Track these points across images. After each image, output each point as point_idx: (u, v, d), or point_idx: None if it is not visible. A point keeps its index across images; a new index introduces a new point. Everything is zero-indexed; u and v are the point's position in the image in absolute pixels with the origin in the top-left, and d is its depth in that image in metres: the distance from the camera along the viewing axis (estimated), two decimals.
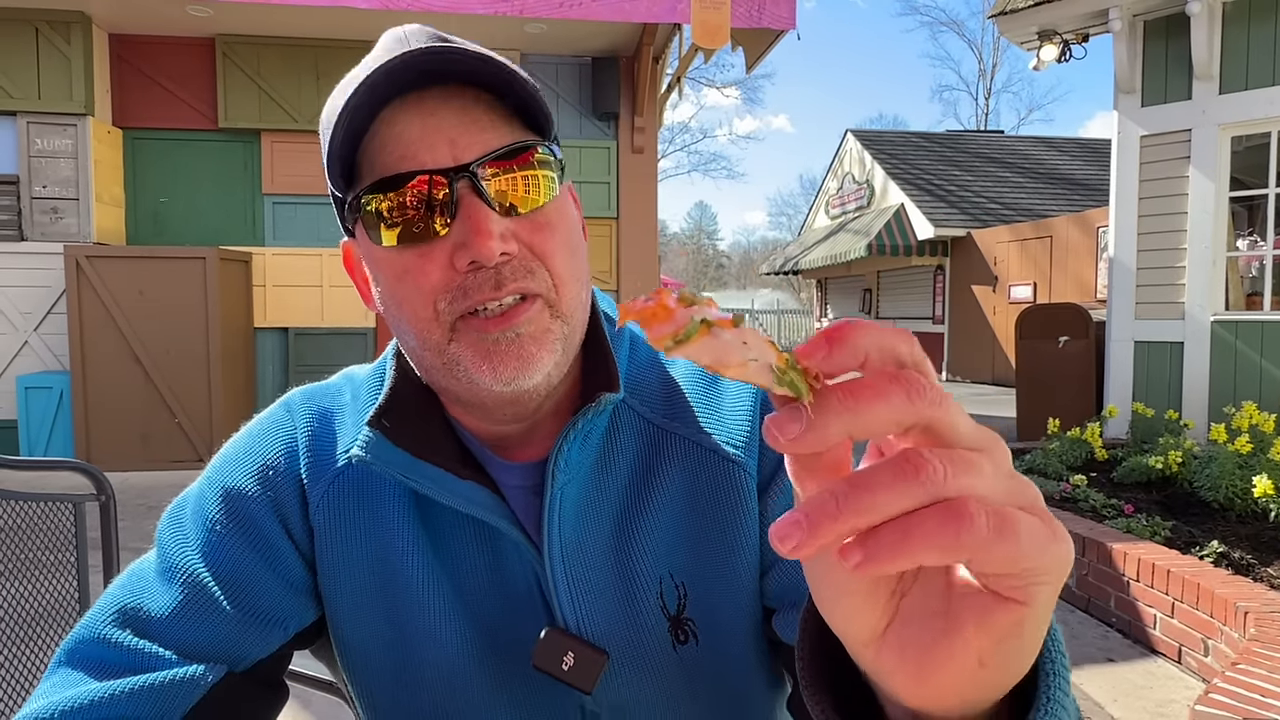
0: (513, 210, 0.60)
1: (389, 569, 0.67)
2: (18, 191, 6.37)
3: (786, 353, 0.31)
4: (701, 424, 0.69)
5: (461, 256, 0.58)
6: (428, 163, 0.58)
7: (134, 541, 5.14)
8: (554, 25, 6.52)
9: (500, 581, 0.67)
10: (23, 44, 6.30)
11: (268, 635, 0.65)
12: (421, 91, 0.60)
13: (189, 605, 0.63)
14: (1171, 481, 4.27)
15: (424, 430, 0.66)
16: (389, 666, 0.68)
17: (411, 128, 0.59)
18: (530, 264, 0.60)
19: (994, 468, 0.30)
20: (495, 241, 0.57)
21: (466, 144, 0.59)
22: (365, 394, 0.72)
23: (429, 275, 0.59)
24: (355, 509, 0.67)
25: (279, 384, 7.14)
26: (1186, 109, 5.96)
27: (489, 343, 0.59)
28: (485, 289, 0.58)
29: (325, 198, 5.95)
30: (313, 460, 0.68)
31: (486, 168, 0.58)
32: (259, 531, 0.66)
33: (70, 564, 1.20)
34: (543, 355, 0.60)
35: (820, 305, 21.52)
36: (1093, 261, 11.02)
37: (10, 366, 6.41)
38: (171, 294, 6.15)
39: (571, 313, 0.63)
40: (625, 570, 0.67)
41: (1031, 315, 7.07)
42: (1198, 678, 2.79)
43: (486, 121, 0.60)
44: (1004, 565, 0.29)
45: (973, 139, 19.11)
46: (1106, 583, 3.29)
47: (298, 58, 6.95)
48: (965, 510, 0.28)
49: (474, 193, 0.58)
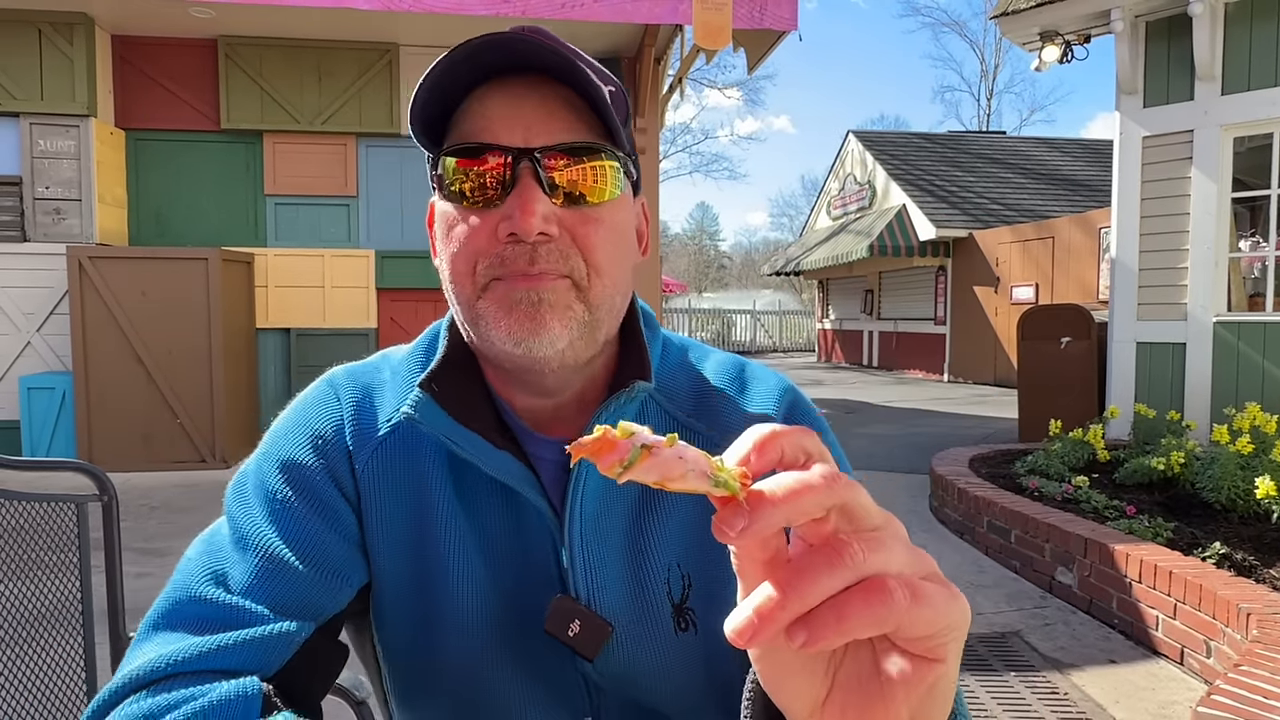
0: (565, 200, 0.65)
1: (423, 527, 0.71)
2: (20, 192, 6.38)
3: (718, 459, 0.36)
4: (726, 420, 0.74)
5: (504, 226, 0.63)
6: (502, 139, 0.64)
7: (136, 542, 5.08)
8: (556, 26, 6.52)
9: (521, 549, 0.71)
10: (25, 45, 6.32)
11: (339, 590, 0.69)
12: (516, 77, 0.65)
13: (269, 567, 0.66)
14: (1174, 483, 4.26)
15: (467, 398, 0.71)
16: (412, 619, 0.72)
17: (497, 106, 0.65)
18: (568, 250, 0.65)
19: (898, 542, 0.36)
20: (536, 220, 0.62)
21: (538, 131, 0.64)
22: (404, 369, 0.76)
23: (477, 237, 0.65)
24: (398, 470, 0.72)
25: (281, 384, 7.15)
26: (1189, 110, 5.96)
27: (511, 300, 0.64)
28: (519, 261, 0.64)
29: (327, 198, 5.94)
30: (357, 429, 0.73)
31: (549, 155, 0.64)
32: (318, 496, 0.70)
33: (73, 564, 1.20)
34: (556, 326, 0.64)
35: (822, 306, 21.51)
36: (1095, 262, 11.01)
37: (13, 367, 6.42)
38: (174, 295, 6.16)
39: (599, 303, 0.67)
40: (637, 553, 0.71)
41: (1033, 316, 7.06)
42: (1200, 679, 2.78)
43: (562, 116, 0.65)
44: (922, 629, 0.35)
45: (975, 140, 19.10)
46: (1108, 584, 3.29)
47: (300, 59, 6.96)
48: (885, 586, 0.34)
49: (531, 175, 0.63)
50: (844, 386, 13.69)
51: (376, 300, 7.21)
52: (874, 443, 7.69)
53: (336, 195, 7.14)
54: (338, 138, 7.08)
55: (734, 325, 25.48)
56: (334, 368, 0.80)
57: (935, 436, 7.78)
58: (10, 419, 6.39)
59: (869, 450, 7.23)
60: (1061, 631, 3.22)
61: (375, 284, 7.19)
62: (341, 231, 7.19)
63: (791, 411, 0.77)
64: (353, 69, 7.02)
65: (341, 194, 7.14)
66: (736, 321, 25.67)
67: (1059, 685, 2.74)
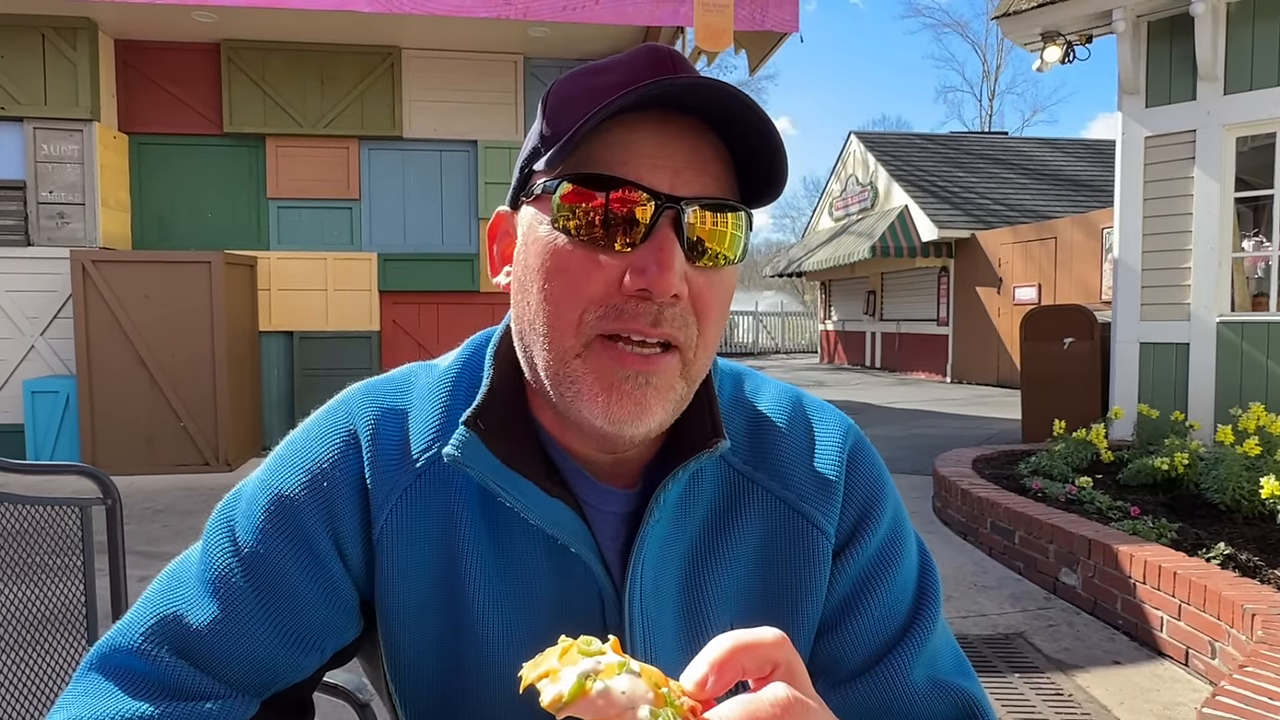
0: (695, 258, 0.59)
1: (453, 579, 0.65)
2: (24, 197, 6.40)
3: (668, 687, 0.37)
4: (785, 472, 0.69)
5: (636, 280, 0.57)
6: (646, 180, 0.57)
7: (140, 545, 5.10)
8: (557, 29, 6.53)
9: (563, 603, 0.65)
10: (29, 50, 6.34)
11: (304, 658, 0.64)
12: (667, 112, 0.59)
13: (228, 623, 0.62)
14: (1178, 483, 4.25)
15: (516, 437, 0.64)
16: (439, 677, 0.67)
17: (647, 142, 0.58)
18: (688, 316, 0.59)
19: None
20: (675, 278, 0.56)
21: (688, 179, 0.58)
22: (437, 396, 0.68)
23: (592, 283, 0.58)
24: (426, 520, 0.65)
25: (284, 387, 7.16)
26: (1191, 110, 5.95)
27: (618, 378, 0.58)
28: (642, 320, 0.57)
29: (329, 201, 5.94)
30: (379, 463, 0.65)
31: (695, 209, 0.58)
32: (307, 543, 0.64)
33: (77, 568, 1.21)
34: (658, 410, 0.59)
35: (824, 308, 21.50)
36: (1097, 263, 10.99)
37: (17, 371, 6.43)
38: (177, 298, 6.17)
39: (696, 378, 0.63)
40: (694, 612, 0.67)
41: (1036, 317, 7.05)
42: (1205, 680, 2.77)
43: (711, 167, 0.60)
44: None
45: (977, 140, 19.09)
46: (1113, 585, 3.28)
47: (302, 62, 6.97)
48: None
49: (673, 226, 0.57)
50: (846, 388, 13.68)
51: (379, 303, 7.22)
52: (877, 444, 7.59)
53: (339, 198, 7.15)
54: (340, 141, 7.09)
55: (736, 327, 25.47)
56: (353, 386, 0.72)
57: (938, 437, 7.78)
58: (14, 422, 6.40)
59: None
60: (1065, 633, 3.22)
61: (378, 287, 7.20)
62: (344, 234, 7.20)
63: (854, 460, 0.71)
64: (355, 72, 7.04)
65: (344, 197, 7.16)
66: (739, 323, 25.66)
67: (1063, 687, 2.73)
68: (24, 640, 1.16)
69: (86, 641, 1.21)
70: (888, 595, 0.68)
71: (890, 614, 0.68)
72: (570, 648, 0.38)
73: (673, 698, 0.36)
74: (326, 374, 7.03)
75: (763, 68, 7.34)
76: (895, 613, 0.68)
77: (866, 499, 0.70)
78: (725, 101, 0.57)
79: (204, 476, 6.05)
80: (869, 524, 0.69)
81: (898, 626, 0.67)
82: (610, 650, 0.38)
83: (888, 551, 0.69)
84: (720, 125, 0.59)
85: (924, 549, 0.73)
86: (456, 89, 7.18)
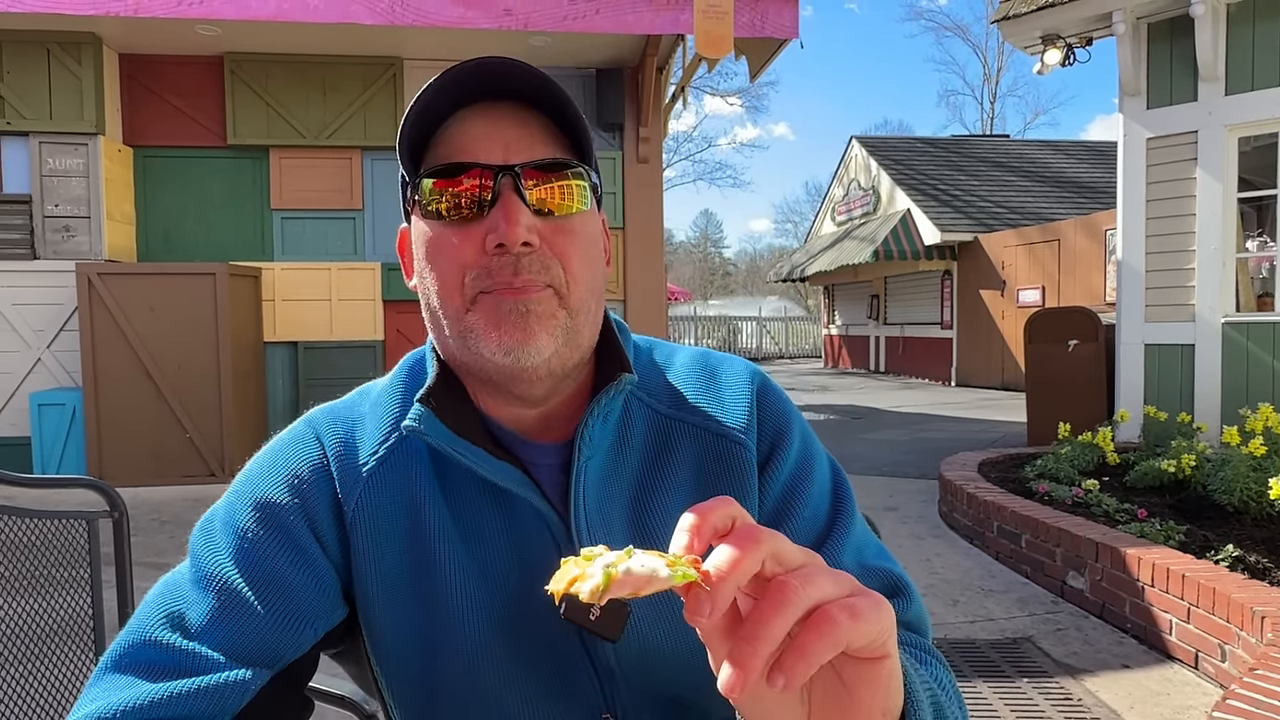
0: (543, 213, 0.68)
1: (420, 553, 0.72)
2: (30, 210, 6.44)
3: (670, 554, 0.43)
4: (705, 410, 0.78)
5: (492, 238, 0.66)
6: (482, 158, 0.67)
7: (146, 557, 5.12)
8: (558, 38, 6.56)
9: (521, 556, 0.72)
10: (35, 65, 6.38)
11: (300, 635, 0.68)
12: (491, 102, 0.69)
13: (227, 609, 0.66)
14: (1185, 485, 4.23)
15: (461, 414, 0.73)
16: (417, 649, 0.72)
17: (476, 128, 0.69)
18: (548, 261, 0.68)
19: (823, 573, 0.43)
20: (521, 230, 0.65)
21: (517, 149, 0.68)
22: (385, 400, 0.77)
23: (463, 251, 0.68)
24: (389, 502, 0.72)
25: (289, 398, 7.18)
26: (1192, 110, 5.95)
27: (500, 312, 0.67)
28: (505, 272, 0.66)
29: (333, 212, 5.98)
30: (344, 467, 0.73)
31: (529, 172, 0.67)
32: (288, 535, 0.70)
33: (84, 580, 1.21)
34: (542, 335, 0.67)
35: (828, 312, 21.49)
36: (1101, 265, 10.98)
37: (24, 384, 6.46)
38: (182, 310, 6.20)
39: (578, 309, 0.70)
40: (644, 537, 0.73)
41: (1040, 319, 7.04)
42: (1215, 684, 2.76)
43: (539, 136, 0.69)
44: (864, 640, 0.42)
45: (978, 144, 19.08)
46: (1121, 588, 3.27)
47: (305, 74, 7.01)
48: (828, 616, 0.41)
49: (513, 190, 0.67)
50: (851, 392, 13.66)
51: (383, 312, 7.24)
52: (882, 448, 7.66)
53: (342, 209, 7.18)
54: (343, 152, 7.12)
55: (740, 332, 25.46)
56: (308, 411, 0.80)
57: (943, 441, 7.75)
58: (21, 435, 6.43)
59: (877, 455, 7.20)
60: (1074, 636, 3.20)
61: (381, 296, 7.22)
62: (348, 245, 7.23)
63: (762, 393, 0.80)
64: (357, 83, 7.07)
65: (347, 207, 7.18)
66: (742, 328, 25.65)
67: (1072, 691, 2.72)
68: (32, 653, 1.16)
69: (94, 654, 1.21)
70: (811, 499, 0.77)
71: (815, 515, 0.76)
72: (577, 561, 0.45)
73: (679, 558, 0.43)
74: (331, 384, 7.04)
75: (763, 74, 7.36)
76: (819, 513, 0.77)
77: (777, 421, 0.79)
78: (518, 77, 0.67)
79: (210, 487, 6.06)
80: (783, 441, 0.78)
81: (823, 524, 0.76)
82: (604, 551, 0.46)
83: (803, 463, 0.78)
84: (538, 105, 0.69)
85: (833, 461, 0.83)
86: None
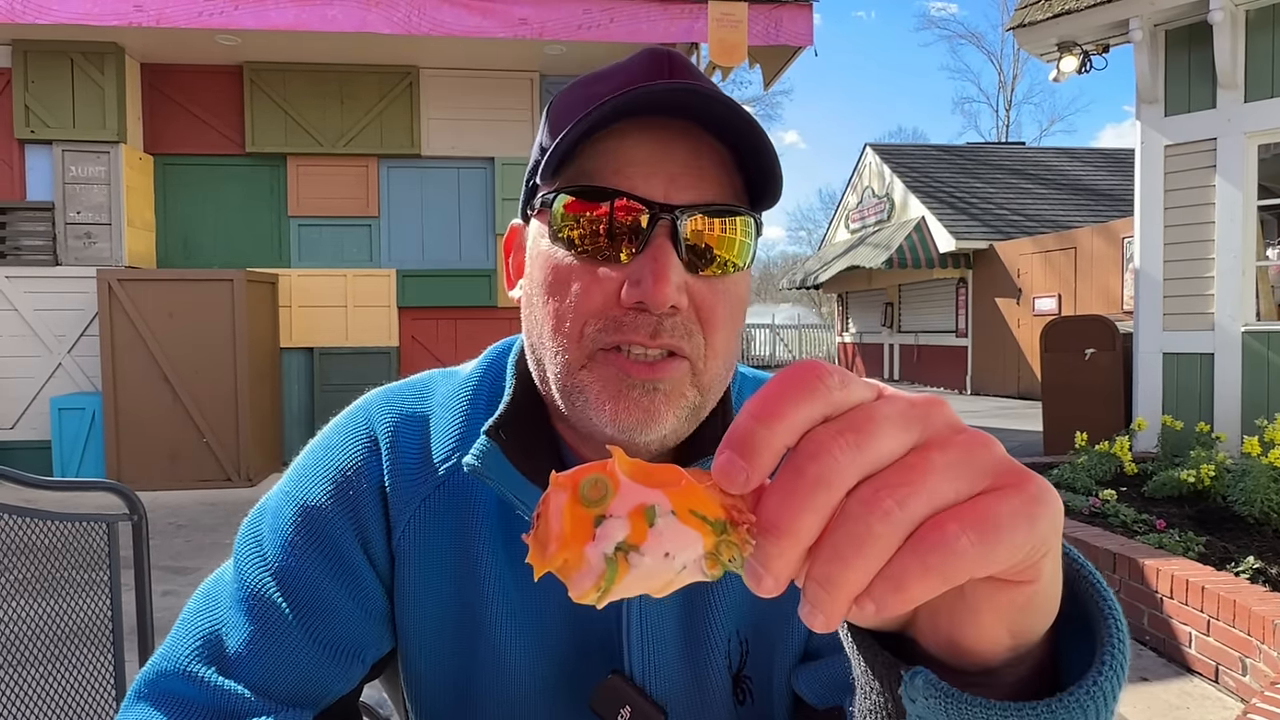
0: (697, 267, 0.57)
1: (470, 597, 0.65)
2: (53, 218, 6.54)
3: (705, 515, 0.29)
4: None
5: (632, 293, 0.55)
6: (640, 189, 0.56)
7: (163, 560, 5.12)
8: (573, 47, 6.60)
9: (576, 620, 0.66)
10: (59, 75, 6.49)
11: (348, 669, 0.63)
12: (662, 119, 0.57)
13: (268, 637, 0.61)
14: (1204, 496, 4.18)
15: (534, 448, 0.64)
16: (454, 694, 0.67)
17: (640, 150, 0.57)
18: (691, 326, 0.57)
19: (947, 455, 0.29)
20: (671, 290, 0.54)
21: (683, 186, 0.57)
22: (456, 404, 0.68)
23: (591, 296, 0.57)
24: (445, 528, 0.65)
25: (304, 403, 7.23)
26: (1211, 118, 5.89)
27: (624, 386, 0.57)
28: (640, 333, 0.56)
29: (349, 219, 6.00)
30: (398, 469, 0.65)
31: (691, 217, 0.56)
32: (338, 552, 0.63)
33: (103, 582, 1.23)
34: (668, 417, 0.58)
35: (841, 320, 21.40)
36: (1118, 272, 10.88)
37: (45, 388, 6.55)
38: (200, 315, 6.26)
39: (709, 387, 0.60)
40: (695, 625, 0.67)
41: (1057, 328, 6.98)
42: (1236, 697, 2.72)
43: (710, 172, 0.58)
44: (1002, 565, 0.29)
45: (994, 151, 18.98)
46: (1139, 600, 3.23)
47: (322, 83, 7.09)
48: (943, 538, 0.27)
49: (668, 237, 0.56)
50: None
51: (398, 319, 7.28)
52: None
53: (358, 216, 7.24)
54: (359, 159, 7.19)
55: (753, 339, 25.41)
56: (371, 392, 0.71)
57: None
58: (42, 439, 6.51)
59: None
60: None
61: (397, 303, 7.27)
62: (364, 251, 7.29)
63: None
64: (374, 92, 7.14)
65: (363, 215, 7.24)
66: (755, 336, 25.59)
67: None
68: (52, 654, 1.17)
69: (113, 657, 1.23)
70: None
71: None
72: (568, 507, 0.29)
73: (716, 519, 0.28)
74: (346, 389, 7.08)
75: (777, 82, 7.36)
76: None
77: None
78: (708, 104, 0.55)
79: (226, 492, 6.11)
80: None
81: None
82: (609, 484, 0.29)
83: None
84: (716, 129, 0.57)
85: None
86: (474, 107, 7.26)
